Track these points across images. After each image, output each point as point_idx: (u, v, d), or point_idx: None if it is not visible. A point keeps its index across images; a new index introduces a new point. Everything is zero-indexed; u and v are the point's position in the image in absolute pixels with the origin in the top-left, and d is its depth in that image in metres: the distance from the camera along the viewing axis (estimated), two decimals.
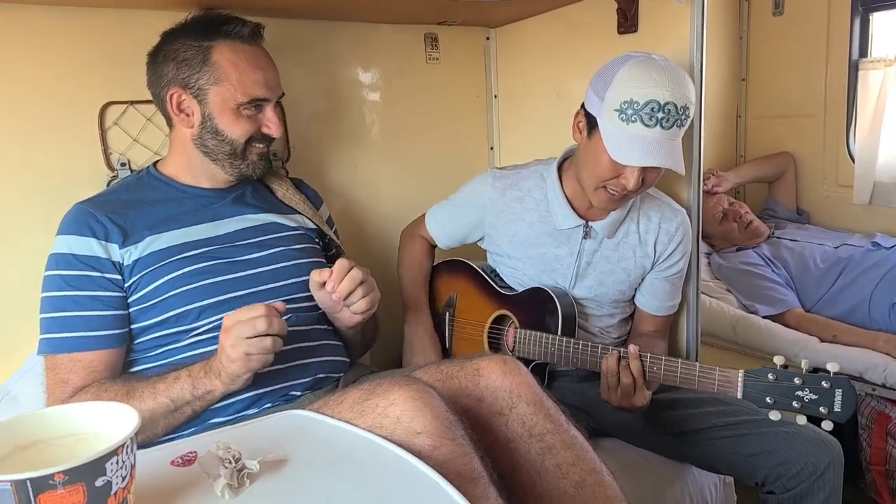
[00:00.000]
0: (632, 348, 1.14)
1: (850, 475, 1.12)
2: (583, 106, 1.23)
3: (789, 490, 1.11)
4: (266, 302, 0.93)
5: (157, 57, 1.13)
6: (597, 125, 1.17)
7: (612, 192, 1.19)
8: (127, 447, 0.58)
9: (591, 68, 1.22)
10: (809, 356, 1.85)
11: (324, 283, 1.04)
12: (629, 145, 1.12)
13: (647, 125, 1.10)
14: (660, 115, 1.09)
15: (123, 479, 0.57)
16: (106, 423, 0.64)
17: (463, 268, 1.46)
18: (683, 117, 1.12)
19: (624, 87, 1.11)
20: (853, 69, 2.28)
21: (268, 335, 0.91)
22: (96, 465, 0.55)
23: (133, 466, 0.60)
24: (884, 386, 1.75)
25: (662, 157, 1.11)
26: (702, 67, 1.34)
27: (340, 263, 1.04)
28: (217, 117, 1.11)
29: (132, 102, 1.29)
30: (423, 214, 1.53)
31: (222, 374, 0.94)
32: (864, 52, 2.28)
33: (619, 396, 1.14)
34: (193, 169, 1.17)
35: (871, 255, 2.01)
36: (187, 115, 1.13)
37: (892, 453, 1.76)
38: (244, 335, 0.90)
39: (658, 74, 1.10)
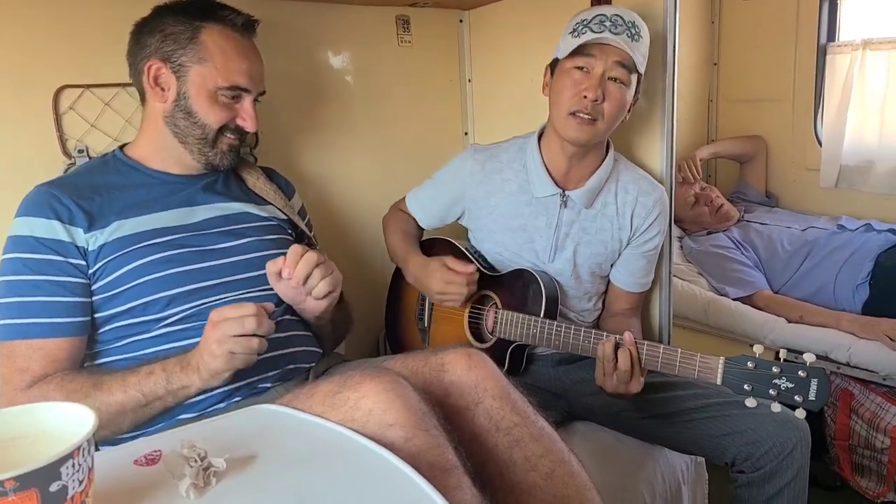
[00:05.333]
0: (627, 335, 1.13)
1: (814, 450, 1.15)
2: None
3: (758, 469, 1.13)
4: (246, 293, 0.91)
5: (144, 28, 1.10)
6: (558, 60, 1.26)
7: (579, 114, 1.21)
8: (83, 449, 0.55)
9: None
10: (777, 337, 1.90)
11: (280, 273, 1.03)
12: (583, 41, 1.20)
13: (595, 32, 1.19)
14: (607, 23, 1.20)
15: (80, 482, 0.55)
16: (63, 423, 0.61)
17: (447, 247, 1.44)
18: (633, 30, 1.20)
19: (576, 17, 1.25)
20: (821, 53, 2.31)
21: (255, 335, 0.89)
22: (50, 470, 0.52)
23: (91, 469, 0.57)
24: (848, 364, 1.80)
25: (611, 42, 1.18)
26: (675, 51, 1.34)
27: (293, 249, 1.02)
28: (193, 97, 1.08)
29: (89, 86, 1.23)
30: (403, 198, 1.52)
31: (202, 369, 0.91)
32: (832, 36, 2.31)
33: (616, 383, 1.14)
34: (162, 151, 1.13)
35: (836, 237, 2.06)
36: (163, 89, 1.10)
37: (856, 429, 1.81)
38: (231, 332, 0.88)
39: (605, 5, 1.26)
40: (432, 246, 1.46)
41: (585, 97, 1.20)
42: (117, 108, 1.26)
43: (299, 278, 1.01)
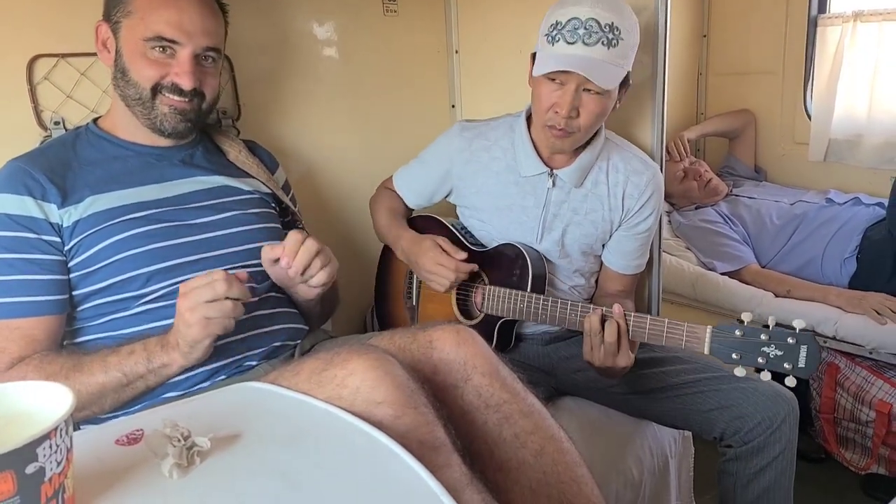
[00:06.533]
0: (616, 308, 1.12)
1: (800, 423, 1.16)
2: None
3: (747, 443, 1.14)
4: (226, 270, 0.89)
5: None
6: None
7: (550, 125, 1.18)
8: (61, 430, 0.53)
9: None
10: (765, 311, 1.90)
11: (277, 260, 1.00)
12: (552, 62, 1.13)
13: (568, 42, 1.12)
14: (581, 31, 1.11)
15: (59, 463, 0.53)
16: (39, 403, 0.59)
17: (434, 224, 1.42)
18: (609, 35, 1.11)
19: (551, 13, 1.16)
20: (812, 25, 2.28)
21: (228, 298, 0.87)
22: (26, 451, 0.50)
23: (70, 450, 0.55)
24: (834, 338, 1.81)
25: (580, 67, 1.10)
26: (666, 22, 1.31)
27: (292, 236, 0.99)
28: (126, 55, 1.04)
29: (63, 55, 1.19)
30: (390, 177, 1.49)
31: (180, 342, 0.90)
32: (823, 7, 2.28)
33: (603, 356, 1.12)
34: (123, 119, 1.10)
35: (824, 211, 2.06)
36: (109, 51, 1.07)
37: (841, 402, 1.84)
38: (203, 299, 0.86)
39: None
40: (419, 223, 1.44)
41: (557, 113, 1.15)
42: (94, 77, 1.22)
43: (298, 268, 0.98)
